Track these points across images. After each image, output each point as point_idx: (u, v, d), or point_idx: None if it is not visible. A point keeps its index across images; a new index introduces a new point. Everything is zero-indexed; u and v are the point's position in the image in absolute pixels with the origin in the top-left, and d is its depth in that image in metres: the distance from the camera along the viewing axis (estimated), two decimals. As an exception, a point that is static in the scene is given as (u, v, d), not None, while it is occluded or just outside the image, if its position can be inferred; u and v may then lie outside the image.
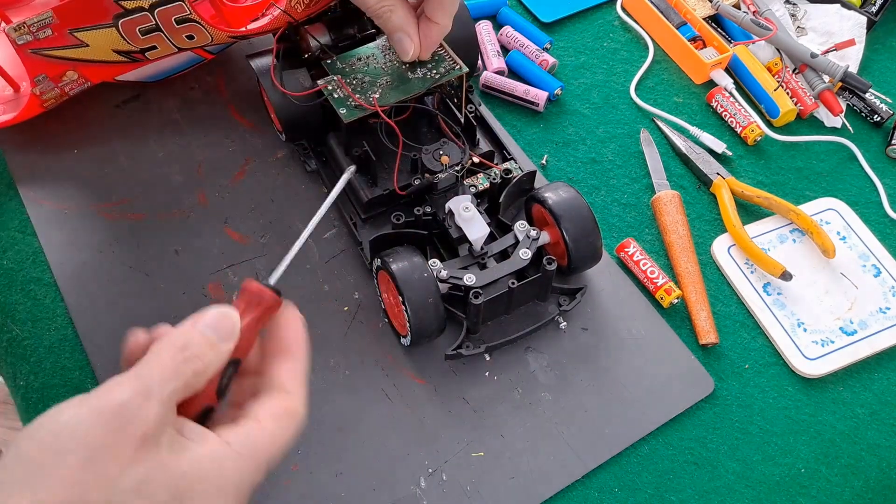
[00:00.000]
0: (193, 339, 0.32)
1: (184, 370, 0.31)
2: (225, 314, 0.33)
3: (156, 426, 0.29)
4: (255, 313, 0.34)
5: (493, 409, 0.46)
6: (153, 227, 0.51)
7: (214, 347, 0.33)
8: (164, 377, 0.30)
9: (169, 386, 0.30)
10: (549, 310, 0.49)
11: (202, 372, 0.32)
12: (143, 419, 0.29)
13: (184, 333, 0.32)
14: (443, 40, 0.50)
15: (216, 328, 0.33)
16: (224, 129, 0.56)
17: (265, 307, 0.34)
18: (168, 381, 0.30)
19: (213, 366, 0.32)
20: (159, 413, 0.29)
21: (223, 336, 0.33)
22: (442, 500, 0.43)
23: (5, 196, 0.53)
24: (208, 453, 0.30)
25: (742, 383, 0.48)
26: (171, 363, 0.31)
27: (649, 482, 0.44)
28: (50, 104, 0.52)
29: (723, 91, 0.61)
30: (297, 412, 0.34)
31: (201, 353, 0.32)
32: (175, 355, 0.31)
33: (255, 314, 0.34)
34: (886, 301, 0.51)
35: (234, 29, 0.50)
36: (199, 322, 0.33)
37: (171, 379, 0.30)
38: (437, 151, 0.48)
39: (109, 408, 0.29)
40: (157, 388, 0.30)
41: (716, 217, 0.55)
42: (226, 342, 0.33)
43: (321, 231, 0.52)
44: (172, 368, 0.31)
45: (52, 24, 0.47)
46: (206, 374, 0.32)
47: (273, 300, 0.34)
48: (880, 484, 0.45)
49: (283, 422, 0.33)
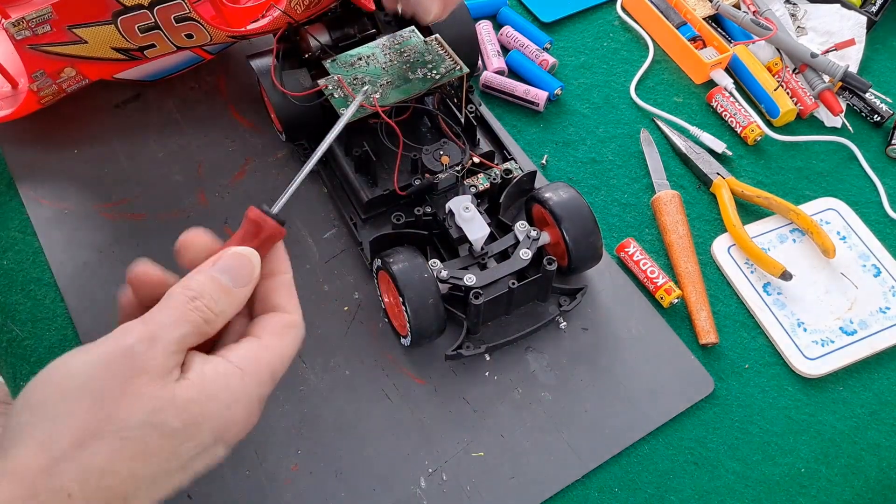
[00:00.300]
0: (206, 287, 0.32)
1: (193, 318, 0.31)
2: (242, 256, 0.33)
3: (162, 368, 0.29)
4: (257, 242, 0.33)
5: (493, 409, 0.46)
6: (153, 227, 0.51)
7: (229, 294, 0.32)
8: (172, 324, 0.30)
9: (176, 332, 0.30)
10: (549, 310, 0.49)
11: (213, 320, 0.31)
12: (147, 362, 0.29)
13: (198, 280, 0.32)
14: (443, 40, 0.50)
15: (233, 273, 0.32)
16: (224, 129, 0.56)
17: (267, 235, 0.33)
18: (175, 327, 0.30)
19: (226, 313, 0.32)
20: (165, 357, 0.29)
21: (240, 281, 0.32)
22: (442, 500, 0.43)
23: (5, 196, 0.53)
24: (212, 374, 0.30)
25: (742, 383, 0.48)
26: (180, 311, 0.31)
27: (649, 482, 0.44)
28: (47, 101, 0.52)
29: (723, 91, 0.61)
30: (295, 324, 0.34)
31: (214, 301, 0.31)
32: (185, 303, 0.31)
33: (256, 243, 0.33)
34: (886, 301, 0.51)
35: (234, 29, 0.50)
36: (214, 266, 0.32)
37: (178, 327, 0.30)
38: (437, 151, 0.48)
39: (115, 352, 0.29)
40: (163, 333, 0.30)
41: (716, 217, 0.55)
42: (242, 287, 0.32)
43: (321, 231, 0.52)
44: (181, 317, 0.30)
45: (50, 20, 0.47)
46: (219, 322, 0.32)
47: (275, 229, 0.33)
48: (880, 484, 0.45)
49: (283, 335, 0.33)
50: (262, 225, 0.33)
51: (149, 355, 0.29)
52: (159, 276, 0.33)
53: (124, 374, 0.28)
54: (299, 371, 0.46)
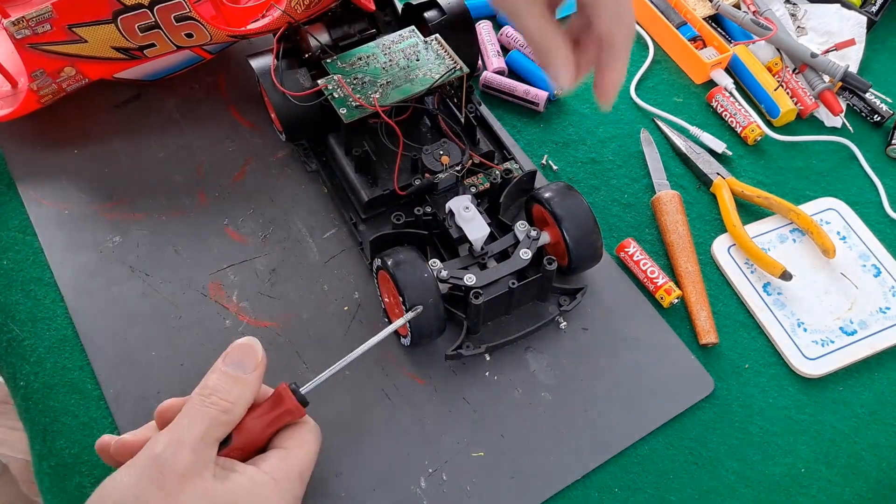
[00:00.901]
0: (214, 381, 0.37)
1: (210, 413, 0.35)
2: (245, 346, 0.38)
3: (192, 466, 0.34)
4: (275, 414, 0.38)
5: (493, 409, 0.46)
6: (153, 227, 0.51)
7: (240, 381, 0.37)
8: (192, 424, 0.35)
9: (197, 430, 0.35)
10: (549, 310, 0.49)
11: (231, 408, 0.36)
12: (177, 463, 0.33)
13: (210, 378, 0.37)
14: (443, 40, 0.50)
15: (239, 362, 0.38)
16: (224, 129, 0.56)
17: (284, 411, 0.38)
18: (195, 426, 0.35)
19: (242, 399, 0.37)
20: (192, 455, 0.34)
21: (248, 368, 0.38)
22: (442, 500, 0.43)
23: (5, 196, 0.53)
24: (249, 481, 0.35)
25: (742, 383, 0.48)
26: (197, 410, 0.35)
27: (649, 482, 0.44)
28: (47, 100, 0.52)
29: (723, 91, 0.61)
30: (312, 429, 0.40)
31: (227, 391, 0.36)
32: (201, 403, 0.36)
33: (275, 415, 0.38)
34: (886, 301, 0.51)
35: (234, 29, 0.50)
36: (224, 361, 0.38)
37: (197, 424, 0.35)
38: (437, 151, 0.48)
39: (147, 462, 0.34)
40: (186, 435, 0.34)
41: (716, 217, 0.55)
42: (252, 372, 0.37)
43: (321, 231, 0.52)
44: (199, 415, 0.35)
45: (50, 19, 0.47)
46: (238, 409, 0.36)
47: (295, 408, 0.38)
48: (880, 484, 0.45)
49: (305, 443, 0.38)
50: (283, 398, 0.38)
51: (177, 457, 0.34)
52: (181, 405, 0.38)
53: (158, 480, 0.33)
54: (299, 371, 0.46)
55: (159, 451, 0.34)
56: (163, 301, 0.48)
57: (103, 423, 0.44)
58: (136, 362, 0.46)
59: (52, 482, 0.44)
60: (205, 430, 0.35)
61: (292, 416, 0.38)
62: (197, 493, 0.33)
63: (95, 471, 0.43)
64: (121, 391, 0.45)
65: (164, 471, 0.33)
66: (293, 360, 0.46)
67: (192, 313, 0.48)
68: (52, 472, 0.44)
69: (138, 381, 0.45)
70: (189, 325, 0.47)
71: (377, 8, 0.53)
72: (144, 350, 0.46)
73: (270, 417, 0.38)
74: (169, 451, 0.34)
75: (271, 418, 0.38)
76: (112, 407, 0.44)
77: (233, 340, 0.39)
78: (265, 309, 0.48)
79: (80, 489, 0.43)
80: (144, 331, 0.47)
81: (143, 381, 0.45)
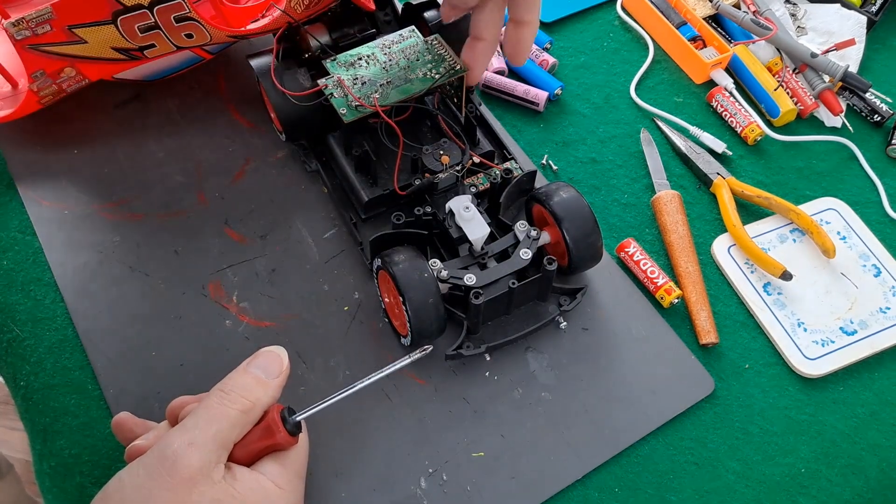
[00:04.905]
0: (237, 380, 0.36)
1: (227, 412, 0.35)
2: (271, 353, 0.39)
3: (201, 467, 0.33)
4: (263, 445, 0.37)
5: (493, 409, 0.46)
6: (153, 227, 0.51)
7: (262, 384, 0.37)
8: (206, 423, 0.34)
9: (211, 429, 0.34)
10: (549, 310, 0.49)
11: (251, 408, 0.36)
12: (187, 463, 0.33)
13: (231, 378, 0.37)
14: (443, 40, 0.50)
15: (264, 367, 0.38)
16: (224, 129, 0.56)
17: (274, 441, 0.37)
18: (209, 425, 0.34)
19: (262, 401, 0.36)
20: (203, 455, 0.33)
21: (272, 373, 0.38)
22: (442, 500, 0.43)
23: (5, 196, 0.53)
24: (257, 486, 0.35)
25: (742, 383, 0.48)
26: (213, 409, 0.35)
27: (649, 482, 0.44)
28: (47, 101, 0.52)
29: (723, 91, 0.61)
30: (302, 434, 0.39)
31: (248, 390, 0.36)
32: (221, 398, 0.35)
33: (263, 446, 0.37)
34: (886, 301, 0.51)
35: (234, 29, 0.50)
36: (250, 363, 0.38)
37: (212, 424, 0.34)
38: (437, 151, 0.48)
39: (156, 460, 0.34)
40: (198, 434, 0.34)
41: (716, 217, 0.55)
42: (275, 378, 0.38)
43: (321, 231, 0.52)
44: (214, 414, 0.35)
45: (50, 19, 0.47)
46: (256, 410, 0.36)
47: (285, 441, 0.37)
48: (880, 484, 0.45)
49: (298, 447, 0.38)
50: (273, 432, 0.37)
51: (188, 456, 0.33)
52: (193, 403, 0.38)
53: (167, 480, 0.33)
54: (299, 371, 0.46)
55: (171, 451, 0.33)
56: (163, 301, 0.48)
57: (103, 423, 0.44)
58: (136, 362, 0.46)
59: (53, 482, 0.44)
60: (217, 431, 0.34)
61: (282, 448, 0.37)
62: (204, 493, 0.33)
63: (96, 471, 0.43)
64: (121, 391, 0.45)
65: (173, 472, 0.33)
66: (293, 361, 0.46)
67: (192, 313, 0.48)
68: (53, 472, 0.44)
69: (138, 381, 0.45)
70: (189, 326, 0.47)
71: (377, 8, 0.53)
72: (144, 350, 0.46)
73: (259, 447, 0.37)
74: (180, 451, 0.33)
75: (260, 448, 0.37)
76: (112, 407, 0.44)
77: (233, 340, 0.39)
78: (265, 309, 0.48)
79: (80, 489, 0.43)
80: (144, 331, 0.47)
81: (143, 381, 0.45)
